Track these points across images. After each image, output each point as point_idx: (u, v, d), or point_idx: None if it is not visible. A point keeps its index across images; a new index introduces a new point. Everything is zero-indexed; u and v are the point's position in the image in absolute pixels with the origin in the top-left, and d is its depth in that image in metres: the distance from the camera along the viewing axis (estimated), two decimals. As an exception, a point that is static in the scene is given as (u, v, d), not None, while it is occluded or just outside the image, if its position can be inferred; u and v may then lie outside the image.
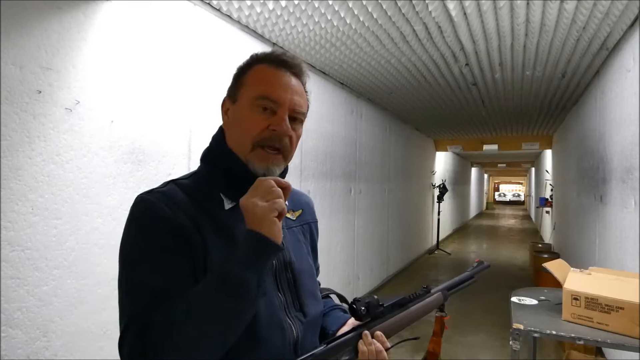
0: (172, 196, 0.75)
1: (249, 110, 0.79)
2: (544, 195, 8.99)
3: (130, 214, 0.74)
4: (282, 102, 0.78)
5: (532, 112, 5.36)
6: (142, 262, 0.70)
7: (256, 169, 0.78)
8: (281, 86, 0.79)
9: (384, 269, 5.53)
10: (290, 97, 0.79)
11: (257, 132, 0.78)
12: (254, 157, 0.78)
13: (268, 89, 0.79)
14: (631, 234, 2.43)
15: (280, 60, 0.81)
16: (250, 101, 0.79)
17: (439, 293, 0.95)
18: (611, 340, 1.47)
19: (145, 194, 0.75)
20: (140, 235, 0.72)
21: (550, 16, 2.34)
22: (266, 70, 0.81)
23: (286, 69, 0.81)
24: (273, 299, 0.78)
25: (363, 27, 2.52)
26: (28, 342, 1.43)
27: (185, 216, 0.73)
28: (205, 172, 0.83)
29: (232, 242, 0.75)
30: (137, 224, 0.73)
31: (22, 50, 1.40)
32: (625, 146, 2.59)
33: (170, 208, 0.73)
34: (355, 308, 0.76)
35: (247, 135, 0.78)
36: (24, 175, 1.41)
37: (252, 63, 0.83)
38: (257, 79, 0.80)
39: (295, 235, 0.89)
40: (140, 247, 0.71)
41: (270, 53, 0.83)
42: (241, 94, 0.81)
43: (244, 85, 0.81)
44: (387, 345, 0.79)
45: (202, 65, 2.22)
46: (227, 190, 0.80)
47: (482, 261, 1.10)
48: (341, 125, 4.03)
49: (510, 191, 29.27)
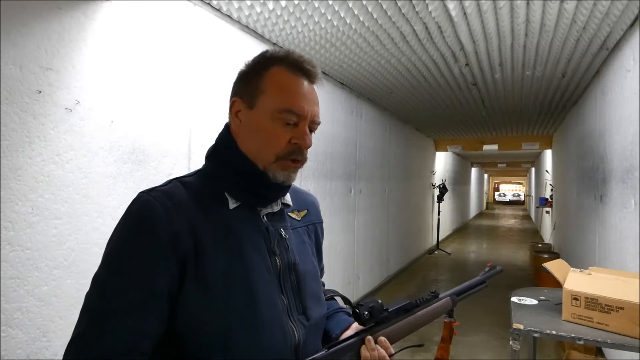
0: (173, 196, 0.74)
1: (271, 121, 0.76)
2: (544, 195, 8.99)
3: (127, 210, 0.73)
4: (305, 115, 0.77)
5: (532, 112, 5.36)
6: (121, 270, 0.69)
7: (277, 177, 0.78)
8: (303, 98, 0.77)
9: (383, 269, 5.53)
10: (311, 109, 0.78)
11: (282, 147, 0.77)
12: (277, 167, 0.77)
13: (292, 101, 0.76)
14: (631, 234, 2.43)
15: (301, 67, 0.79)
16: (272, 112, 0.76)
17: (448, 298, 0.92)
18: (611, 340, 1.47)
19: (146, 193, 0.74)
20: (129, 237, 0.71)
21: (550, 16, 2.34)
22: (286, 76, 0.78)
23: (306, 77, 0.79)
24: (276, 301, 0.77)
25: (363, 27, 2.52)
26: (28, 342, 1.43)
27: (182, 219, 0.72)
28: (210, 171, 0.81)
29: (235, 243, 0.75)
30: (130, 224, 0.72)
31: (22, 50, 1.40)
32: (625, 146, 2.59)
33: (166, 211, 0.71)
34: (359, 312, 0.75)
35: (271, 148, 0.77)
36: (24, 175, 1.41)
37: (266, 64, 0.79)
38: (279, 87, 0.77)
39: (300, 236, 0.88)
40: (125, 250, 0.70)
41: (287, 54, 0.79)
42: (261, 101, 0.77)
43: (264, 92, 0.77)
44: (390, 351, 0.78)
45: (202, 66, 2.22)
46: (232, 191, 0.79)
47: (494, 265, 1.06)
48: (341, 125, 4.03)
49: (510, 191, 29.27)
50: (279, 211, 0.85)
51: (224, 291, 0.71)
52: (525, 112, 5.34)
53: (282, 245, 0.82)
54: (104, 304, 0.67)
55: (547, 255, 5.55)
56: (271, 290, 0.77)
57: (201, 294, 0.70)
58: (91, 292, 0.70)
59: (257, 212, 0.81)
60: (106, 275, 0.70)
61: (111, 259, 0.71)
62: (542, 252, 5.88)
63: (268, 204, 0.83)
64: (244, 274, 0.74)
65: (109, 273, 0.70)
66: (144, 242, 0.69)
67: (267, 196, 0.81)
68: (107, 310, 0.67)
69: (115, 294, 0.67)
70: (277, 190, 0.81)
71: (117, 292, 0.67)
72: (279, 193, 0.83)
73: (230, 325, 0.71)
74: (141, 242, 0.69)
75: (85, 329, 0.67)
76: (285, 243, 0.82)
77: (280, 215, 0.85)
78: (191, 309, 0.70)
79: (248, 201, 0.79)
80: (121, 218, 0.73)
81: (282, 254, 0.81)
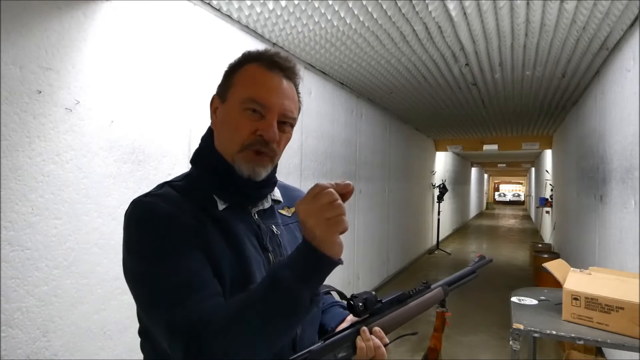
0: (169, 198, 0.76)
1: (237, 112, 0.78)
2: (544, 195, 8.99)
3: (132, 215, 0.74)
4: (272, 106, 0.77)
5: (532, 112, 5.36)
6: (164, 259, 0.69)
7: (242, 170, 0.78)
8: (271, 90, 0.78)
9: (383, 269, 5.53)
10: (281, 102, 0.78)
11: (246, 136, 0.77)
12: (241, 158, 0.78)
13: (258, 91, 0.77)
14: (631, 234, 2.43)
15: (272, 62, 0.80)
16: (239, 103, 0.78)
17: (439, 288, 0.94)
18: (611, 340, 1.47)
19: (142, 197, 0.76)
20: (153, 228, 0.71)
21: (550, 16, 2.34)
22: (257, 70, 0.79)
23: (279, 71, 0.80)
24: None
25: (363, 27, 2.52)
26: (28, 342, 1.43)
27: (188, 214, 0.73)
28: (196, 175, 0.83)
29: (232, 241, 0.76)
30: (145, 218, 0.73)
31: (22, 50, 1.40)
32: (625, 146, 2.59)
33: (171, 207, 0.73)
34: (353, 304, 0.76)
35: (235, 138, 0.78)
36: (24, 175, 1.41)
37: (243, 62, 0.81)
38: (248, 79, 0.79)
39: (291, 232, 0.89)
40: (157, 245, 0.70)
41: (263, 52, 0.81)
42: (230, 94, 0.80)
43: (234, 85, 0.80)
44: (385, 341, 0.79)
45: (202, 66, 2.22)
46: (219, 192, 0.80)
47: (483, 256, 1.09)
48: (341, 125, 4.03)
49: (510, 191, 29.27)
50: (269, 208, 0.87)
51: (228, 286, 0.72)
52: (525, 112, 5.34)
53: (274, 241, 0.83)
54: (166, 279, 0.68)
55: (547, 255, 5.55)
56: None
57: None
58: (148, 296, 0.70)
59: (248, 210, 0.83)
60: (156, 266, 0.69)
61: (150, 254, 0.71)
62: (542, 252, 5.87)
63: (256, 202, 0.84)
64: (244, 269, 0.75)
65: (155, 264, 0.70)
66: (170, 224, 0.71)
67: (252, 194, 0.83)
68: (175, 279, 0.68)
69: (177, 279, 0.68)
70: (257, 187, 0.82)
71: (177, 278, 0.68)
72: (261, 190, 0.84)
73: None
74: (167, 225, 0.71)
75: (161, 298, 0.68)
76: (277, 239, 0.84)
77: (270, 212, 0.87)
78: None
79: (235, 201, 0.81)
80: (129, 225, 0.74)
81: (275, 250, 0.83)
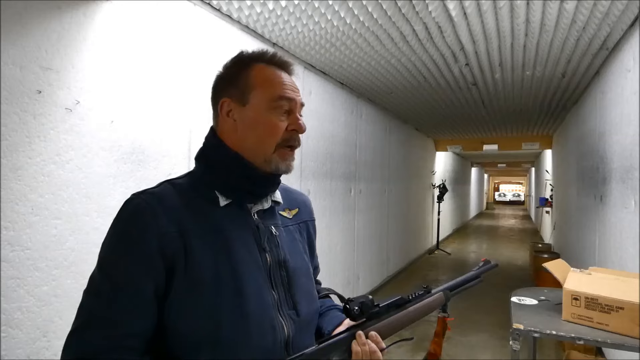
0: (163, 198, 0.77)
1: (267, 112, 0.80)
2: (544, 195, 8.99)
3: (118, 214, 0.76)
4: (296, 100, 0.83)
5: (532, 112, 5.36)
6: (112, 274, 0.73)
7: (279, 167, 0.81)
8: (290, 87, 0.83)
9: (383, 269, 5.53)
10: (297, 95, 0.84)
11: (282, 134, 0.81)
12: (277, 157, 0.81)
13: (283, 89, 0.81)
14: (631, 234, 2.43)
15: (281, 62, 0.84)
16: (267, 103, 0.80)
17: (441, 293, 0.92)
18: (611, 340, 1.47)
19: (137, 195, 0.77)
20: (120, 243, 0.75)
21: (550, 16, 2.34)
22: (270, 71, 0.83)
23: (284, 70, 0.85)
24: (264, 296, 0.78)
25: (363, 27, 2.52)
26: (28, 342, 1.43)
27: (171, 221, 0.74)
28: (201, 172, 0.84)
29: (224, 242, 0.77)
30: (120, 229, 0.75)
31: (22, 50, 1.40)
32: (625, 146, 2.59)
33: (155, 215, 0.74)
34: (349, 308, 0.76)
35: (271, 137, 0.80)
36: (24, 175, 1.41)
37: (248, 62, 0.83)
38: (267, 80, 0.82)
39: (291, 233, 0.90)
40: (116, 256, 0.74)
41: (264, 52, 0.85)
42: (253, 96, 0.81)
43: (255, 87, 0.81)
44: (382, 345, 0.78)
45: (202, 66, 2.22)
46: (222, 188, 0.81)
47: (488, 260, 1.05)
48: (341, 125, 4.03)
49: (510, 191, 29.27)
50: (269, 209, 0.87)
51: (212, 289, 0.73)
52: (525, 112, 5.34)
53: (272, 242, 0.84)
54: (97, 303, 0.72)
55: (547, 255, 5.55)
56: (259, 285, 0.78)
57: (190, 293, 0.72)
58: (87, 290, 0.74)
59: (248, 209, 0.83)
60: (99, 278, 0.74)
61: (104, 263, 0.75)
62: (542, 252, 5.87)
63: (258, 200, 0.85)
64: (232, 271, 0.75)
65: (101, 275, 0.74)
66: (133, 250, 0.73)
67: (257, 191, 0.84)
68: (99, 309, 0.72)
69: (107, 296, 0.72)
70: (267, 184, 0.84)
71: (109, 295, 0.72)
72: (269, 188, 0.86)
73: (219, 321, 0.73)
74: (130, 250, 0.73)
75: (80, 324, 0.72)
76: (275, 240, 0.84)
77: (270, 212, 0.87)
78: (181, 308, 0.72)
79: (238, 197, 0.82)
80: (113, 221, 0.76)
81: (272, 251, 0.83)
